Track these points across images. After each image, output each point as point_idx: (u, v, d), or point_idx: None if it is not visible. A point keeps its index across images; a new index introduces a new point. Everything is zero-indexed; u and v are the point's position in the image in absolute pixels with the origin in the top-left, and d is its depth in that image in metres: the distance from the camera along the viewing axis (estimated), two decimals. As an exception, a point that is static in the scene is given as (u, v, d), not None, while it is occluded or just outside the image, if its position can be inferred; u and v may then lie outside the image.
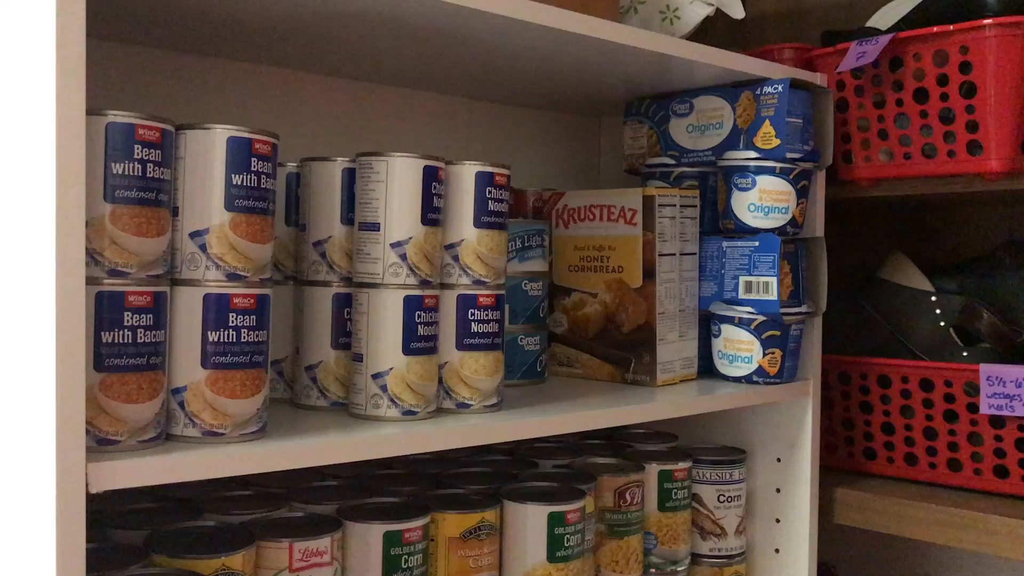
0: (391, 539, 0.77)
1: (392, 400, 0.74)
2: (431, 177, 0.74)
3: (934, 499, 1.02)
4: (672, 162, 1.07)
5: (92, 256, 0.58)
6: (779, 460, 1.06)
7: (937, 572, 1.30)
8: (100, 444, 0.58)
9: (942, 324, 1.12)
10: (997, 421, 1.01)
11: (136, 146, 0.59)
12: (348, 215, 0.78)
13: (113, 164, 0.58)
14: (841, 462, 1.15)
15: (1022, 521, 0.94)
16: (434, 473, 0.94)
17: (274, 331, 0.80)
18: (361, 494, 0.84)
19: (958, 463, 1.05)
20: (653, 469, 1.01)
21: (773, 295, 0.96)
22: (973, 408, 1.02)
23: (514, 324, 0.97)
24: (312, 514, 0.79)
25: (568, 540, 0.85)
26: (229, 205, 0.63)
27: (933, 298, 1.13)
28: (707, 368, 1.03)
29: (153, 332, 0.60)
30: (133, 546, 0.70)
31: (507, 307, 0.94)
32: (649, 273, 0.97)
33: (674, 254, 0.99)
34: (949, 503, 1.01)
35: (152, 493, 0.85)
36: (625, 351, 0.99)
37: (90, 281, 0.57)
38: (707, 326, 1.03)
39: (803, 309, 1.00)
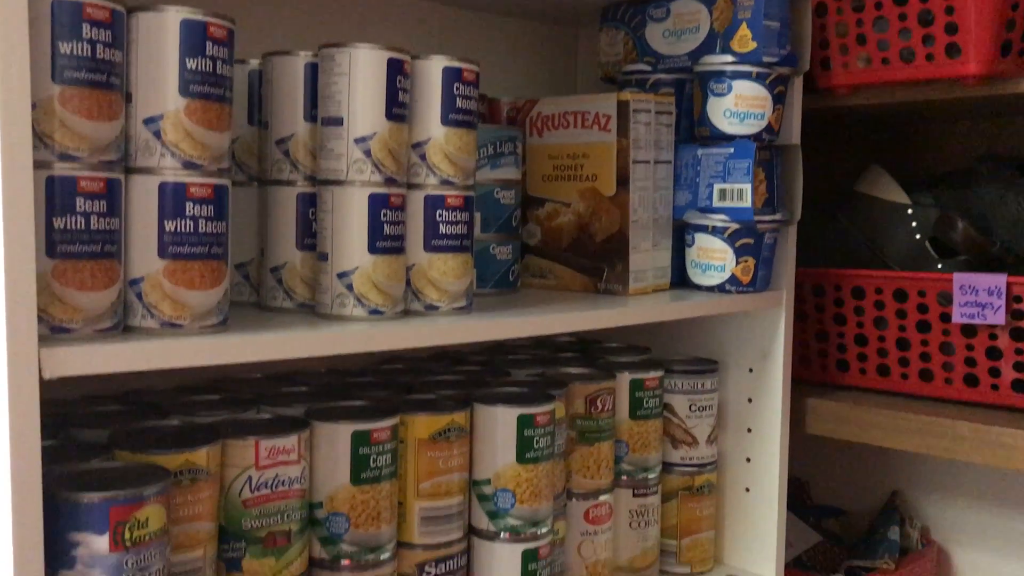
0: (359, 439, 0.76)
1: (358, 300, 0.73)
2: (396, 70, 0.72)
3: (905, 408, 1.03)
4: (648, 68, 1.05)
5: (41, 140, 0.56)
6: (751, 371, 1.06)
7: (906, 487, 1.31)
8: (54, 332, 0.57)
9: (918, 237, 1.11)
10: (969, 330, 1.01)
11: (84, 25, 0.57)
12: (312, 112, 0.76)
13: (60, 44, 0.56)
14: (814, 375, 1.15)
15: (989, 427, 0.95)
16: (404, 382, 0.94)
17: (239, 233, 0.79)
18: (330, 399, 0.84)
19: (929, 373, 1.06)
20: (625, 377, 1.01)
21: (747, 202, 0.95)
22: (946, 318, 1.03)
23: (486, 232, 0.96)
24: (280, 416, 0.79)
25: (538, 442, 0.85)
26: (184, 90, 0.61)
27: (909, 211, 1.12)
28: (680, 280, 1.03)
29: (107, 219, 0.58)
30: (95, 443, 0.69)
31: (479, 216, 0.93)
32: (623, 181, 0.96)
33: (648, 162, 0.98)
34: (920, 412, 1.01)
35: (117, 398, 0.84)
36: (598, 261, 0.98)
37: (40, 165, 0.56)
38: (681, 236, 1.02)
39: (777, 217, 0.99)
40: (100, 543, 0.57)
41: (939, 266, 1.08)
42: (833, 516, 1.34)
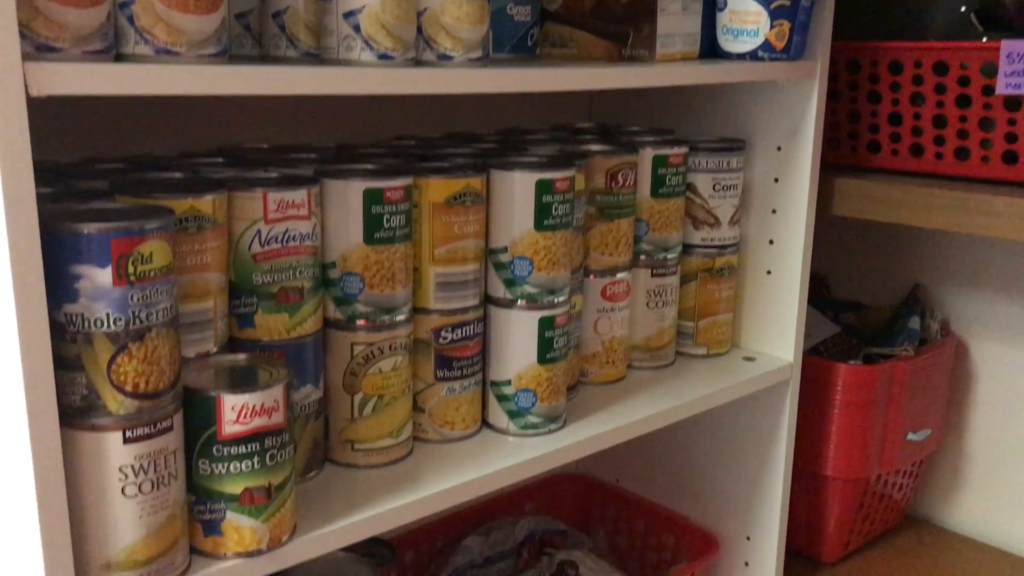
0: (372, 196, 0.73)
1: (366, 42, 0.68)
2: None
3: (938, 187, 0.99)
4: None
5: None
6: (779, 149, 1.02)
7: (928, 280, 1.29)
8: (40, 50, 0.53)
9: (963, 9, 1.04)
10: (1012, 103, 0.96)
11: None
12: None
13: None
14: (843, 157, 1.11)
15: (1027, 203, 0.91)
16: (418, 153, 0.90)
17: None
18: (341, 161, 0.81)
19: (966, 151, 1.01)
20: (648, 153, 0.96)
21: (785, -41, 0.88)
22: (988, 91, 0.97)
23: (503, -8, 0.89)
24: (289, 174, 0.75)
25: (556, 209, 0.81)
26: None
27: (956, -19, 1.04)
28: (710, 50, 0.96)
29: (89, -73, 0.53)
30: (96, 190, 0.66)
31: (495, -26, 0.86)
32: (651, -65, 0.88)
33: (679, -86, 0.90)
34: (954, 189, 0.97)
35: (118, 160, 0.81)
36: (623, 24, 0.92)
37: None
38: (712, 1, 0.95)
39: (816, -23, 0.92)
40: (103, 276, 0.54)
41: (984, 40, 1.01)
42: (852, 310, 1.32)
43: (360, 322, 0.75)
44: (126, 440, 0.57)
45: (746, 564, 1.13)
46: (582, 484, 1.29)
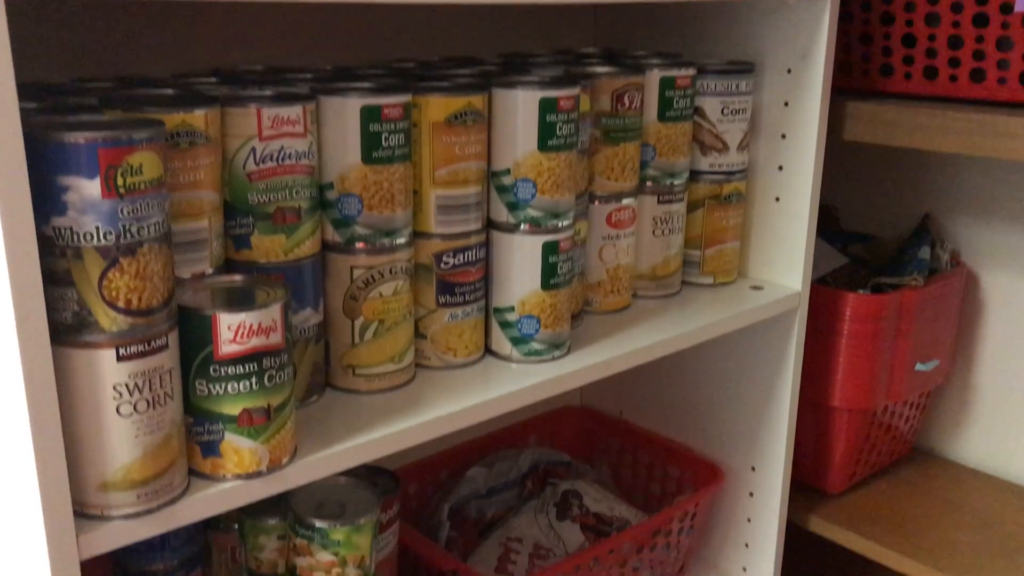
0: (370, 114, 0.71)
1: (363, -50, 0.65)
2: None
3: (953, 109, 0.96)
4: None
5: None
6: (789, 72, 0.99)
7: (938, 210, 1.27)
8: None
9: (982, -75, 1.00)
10: (1031, 22, 0.93)
11: None
12: None
13: None
14: (855, 82, 1.08)
15: (1045, 124, 0.89)
16: (418, 74, 0.87)
17: None
18: (338, 81, 0.78)
19: (982, 73, 0.98)
20: (655, 75, 0.94)
21: None
22: (1007, 9, 0.94)
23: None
24: (284, 91, 0.73)
25: (560, 129, 0.79)
26: None
27: None
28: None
29: None
30: (85, 104, 0.64)
31: None
32: None
33: None
34: (970, 111, 0.94)
35: (113, 79, 0.79)
36: (628, -61, 0.89)
37: None
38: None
39: None
40: (91, 188, 0.53)
41: (1003, -43, 0.98)
42: (860, 242, 1.30)
43: (359, 245, 0.74)
44: (120, 358, 0.55)
45: (751, 495, 1.12)
46: (586, 417, 1.28)
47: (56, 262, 0.53)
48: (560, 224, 0.81)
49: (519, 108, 0.78)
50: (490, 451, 1.18)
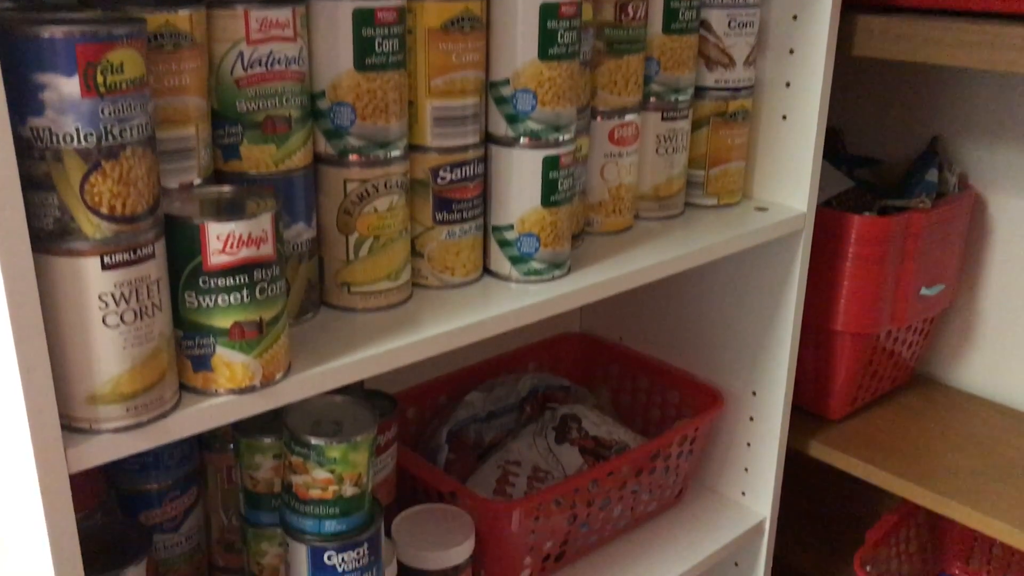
0: (362, 17, 0.68)
1: None
2: None
3: (966, 22, 0.93)
4: None
5: None
6: (799, -17, 0.95)
7: (947, 133, 1.24)
8: None
9: None
10: (1053, -71, 0.89)
11: None
12: None
13: None
14: (866, -5, 1.04)
15: (1063, 37, 0.86)
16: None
17: None
18: None
19: (999, -15, 0.95)
20: (659, -15, 0.90)
21: None
22: (1027, -85, 0.90)
23: None
24: None
25: (562, 37, 0.76)
26: None
27: None
28: None
29: None
30: (63, 2, 0.61)
31: None
32: None
33: None
34: (983, 23, 0.91)
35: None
36: None
37: None
38: None
39: None
40: (70, 86, 0.50)
41: None
42: (867, 166, 1.28)
43: (353, 157, 0.71)
44: (104, 266, 0.53)
45: (751, 419, 1.11)
46: (585, 343, 1.27)
47: (35, 165, 0.51)
48: (561, 138, 0.79)
49: (519, 14, 0.75)
50: (489, 377, 1.16)
